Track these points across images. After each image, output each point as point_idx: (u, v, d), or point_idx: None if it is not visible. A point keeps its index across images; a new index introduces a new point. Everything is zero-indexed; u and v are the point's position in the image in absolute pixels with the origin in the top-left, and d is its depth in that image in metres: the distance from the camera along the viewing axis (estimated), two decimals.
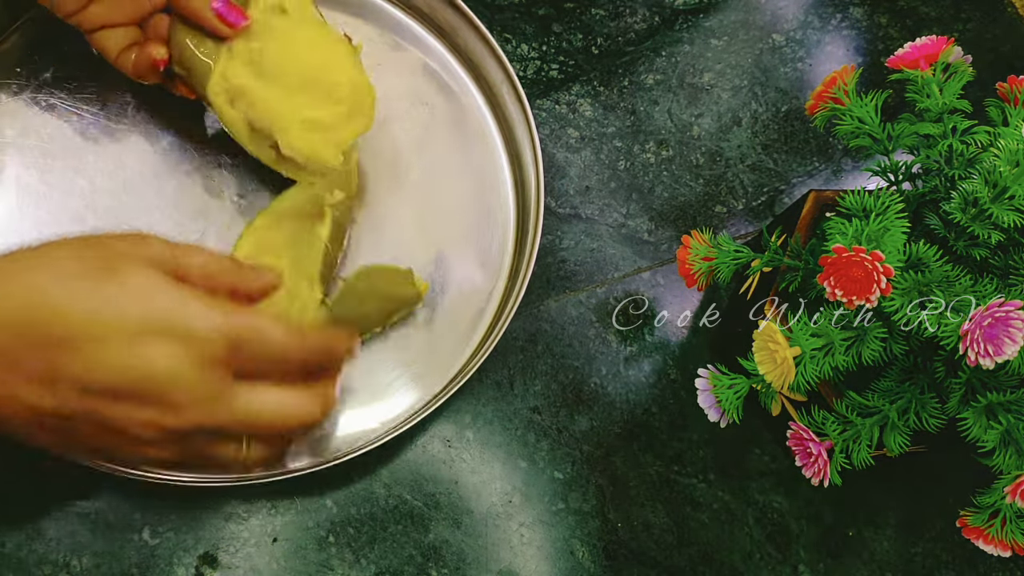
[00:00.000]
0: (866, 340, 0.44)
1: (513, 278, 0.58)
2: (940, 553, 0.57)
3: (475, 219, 0.60)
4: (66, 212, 0.56)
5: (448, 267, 0.58)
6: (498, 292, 0.58)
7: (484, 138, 0.62)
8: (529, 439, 0.57)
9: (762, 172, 0.65)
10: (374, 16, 0.63)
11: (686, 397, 0.59)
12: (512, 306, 0.55)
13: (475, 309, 0.58)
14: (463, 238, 0.59)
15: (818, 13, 0.70)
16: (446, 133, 0.61)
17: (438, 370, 0.56)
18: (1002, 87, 0.50)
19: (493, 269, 0.59)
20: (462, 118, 0.62)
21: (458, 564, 0.54)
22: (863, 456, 0.46)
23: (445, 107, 0.62)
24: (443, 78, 0.62)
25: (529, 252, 0.56)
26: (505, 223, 0.60)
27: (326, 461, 0.51)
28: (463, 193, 0.60)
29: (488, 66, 0.61)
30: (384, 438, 0.52)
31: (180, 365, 0.39)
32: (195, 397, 0.40)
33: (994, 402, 0.43)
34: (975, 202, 0.43)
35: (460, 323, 0.57)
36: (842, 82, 0.49)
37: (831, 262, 0.42)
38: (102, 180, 0.57)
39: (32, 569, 0.50)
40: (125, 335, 0.38)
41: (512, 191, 0.60)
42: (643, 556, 0.55)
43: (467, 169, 0.61)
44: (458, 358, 0.56)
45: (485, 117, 0.62)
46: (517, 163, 0.61)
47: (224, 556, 0.52)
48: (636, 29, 0.67)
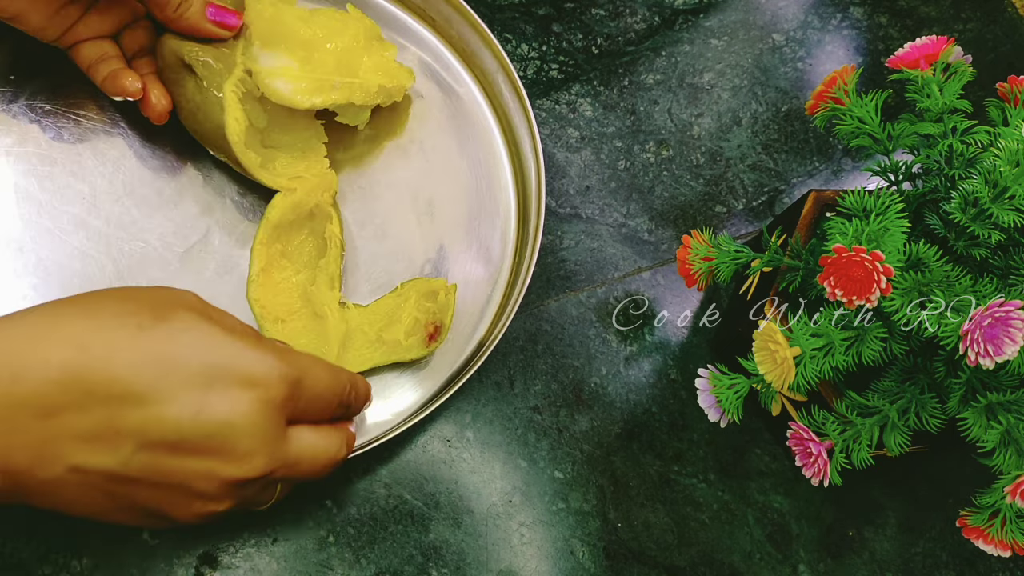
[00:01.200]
0: (866, 340, 0.44)
1: (513, 279, 0.58)
2: (940, 553, 0.57)
3: (476, 219, 0.60)
4: (68, 218, 0.56)
5: (448, 267, 0.58)
6: (498, 293, 0.58)
7: (486, 138, 0.62)
8: (529, 439, 0.57)
9: (762, 172, 0.65)
10: (371, 12, 0.62)
11: (686, 397, 0.59)
12: (512, 307, 0.55)
13: (475, 310, 0.58)
14: (463, 238, 0.59)
15: (818, 13, 0.70)
16: (448, 132, 0.61)
17: (438, 370, 0.56)
18: (1002, 87, 0.50)
19: (493, 270, 0.59)
20: (464, 117, 0.62)
21: (458, 564, 0.54)
22: (863, 456, 0.46)
23: (446, 106, 0.62)
24: (443, 76, 0.63)
25: (530, 254, 0.56)
26: (506, 223, 0.60)
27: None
28: (464, 193, 0.60)
29: (489, 65, 0.61)
30: (383, 438, 0.52)
31: (248, 412, 0.37)
32: (263, 444, 0.38)
33: (994, 402, 0.43)
34: (975, 202, 0.43)
35: (460, 324, 0.57)
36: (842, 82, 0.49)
37: (831, 262, 0.42)
38: (102, 184, 0.57)
39: (32, 569, 0.50)
40: (189, 385, 0.36)
41: (513, 191, 0.61)
42: (643, 556, 0.55)
43: (468, 169, 0.61)
44: (458, 358, 0.56)
45: (487, 117, 0.62)
46: (518, 163, 0.61)
47: (224, 556, 0.52)
48: (636, 29, 0.67)
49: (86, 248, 0.56)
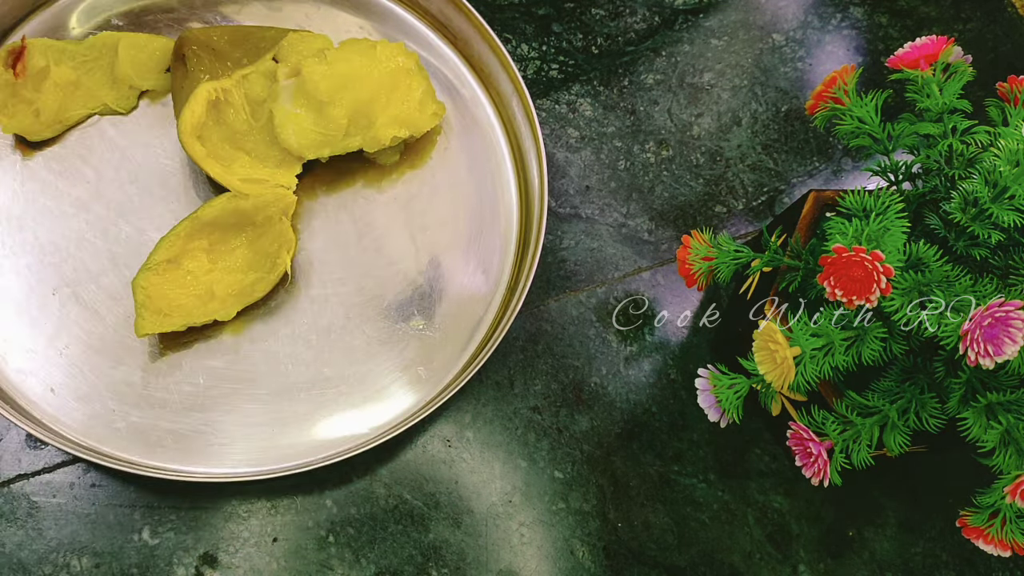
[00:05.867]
0: (866, 340, 0.44)
1: (514, 283, 0.58)
2: (940, 553, 0.57)
3: (477, 223, 0.60)
4: (70, 200, 0.57)
5: (448, 270, 0.58)
6: (499, 296, 0.58)
7: (490, 142, 0.62)
8: (529, 439, 0.57)
9: (762, 172, 0.65)
10: (379, 17, 0.63)
11: (686, 397, 0.59)
12: (512, 311, 0.55)
13: (475, 313, 0.58)
14: (465, 242, 0.59)
15: (818, 13, 0.70)
16: (458, 147, 0.61)
17: (437, 373, 0.56)
18: (1002, 87, 0.50)
19: (494, 273, 0.59)
20: (472, 127, 0.62)
21: (458, 564, 0.54)
22: (863, 456, 0.46)
23: (452, 110, 0.62)
24: (452, 80, 0.63)
25: (531, 258, 0.56)
26: (507, 229, 0.60)
27: (328, 459, 0.52)
28: (466, 196, 0.60)
29: (495, 71, 0.61)
30: (383, 438, 0.52)
31: None
32: None
33: (994, 402, 0.43)
34: (975, 202, 0.43)
35: (460, 326, 0.57)
36: (842, 82, 0.49)
37: (831, 262, 0.42)
38: (108, 171, 0.57)
39: (32, 569, 0.51)
40: None
41: (516, 196, 0.60)
42: (643, 556, 0.55)
43: (471, 171, 0.61)
44: (457, 361, 0.56)
45: (491, 119, 0.62)
46: (521, 167, 0.61)
47: (224, 556, 0.52)
48: (636, 29, 0.67)
49: (84, 232, 0.56)
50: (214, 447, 0.53)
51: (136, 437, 0.53)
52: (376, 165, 0.59)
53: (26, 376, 0.53)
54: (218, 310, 0.54)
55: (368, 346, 0.56)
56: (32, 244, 0.55)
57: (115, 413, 0.53)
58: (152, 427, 0.53)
